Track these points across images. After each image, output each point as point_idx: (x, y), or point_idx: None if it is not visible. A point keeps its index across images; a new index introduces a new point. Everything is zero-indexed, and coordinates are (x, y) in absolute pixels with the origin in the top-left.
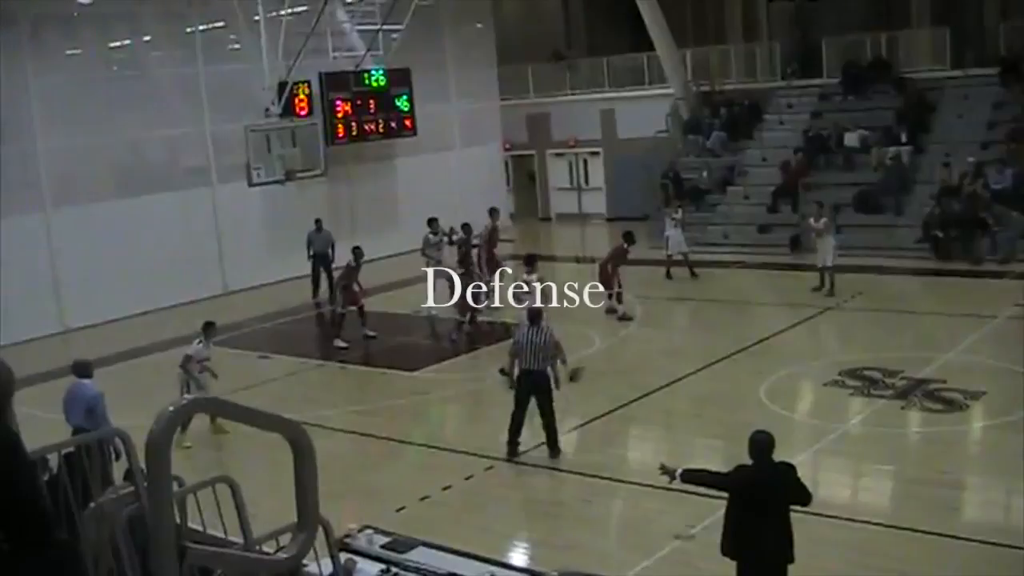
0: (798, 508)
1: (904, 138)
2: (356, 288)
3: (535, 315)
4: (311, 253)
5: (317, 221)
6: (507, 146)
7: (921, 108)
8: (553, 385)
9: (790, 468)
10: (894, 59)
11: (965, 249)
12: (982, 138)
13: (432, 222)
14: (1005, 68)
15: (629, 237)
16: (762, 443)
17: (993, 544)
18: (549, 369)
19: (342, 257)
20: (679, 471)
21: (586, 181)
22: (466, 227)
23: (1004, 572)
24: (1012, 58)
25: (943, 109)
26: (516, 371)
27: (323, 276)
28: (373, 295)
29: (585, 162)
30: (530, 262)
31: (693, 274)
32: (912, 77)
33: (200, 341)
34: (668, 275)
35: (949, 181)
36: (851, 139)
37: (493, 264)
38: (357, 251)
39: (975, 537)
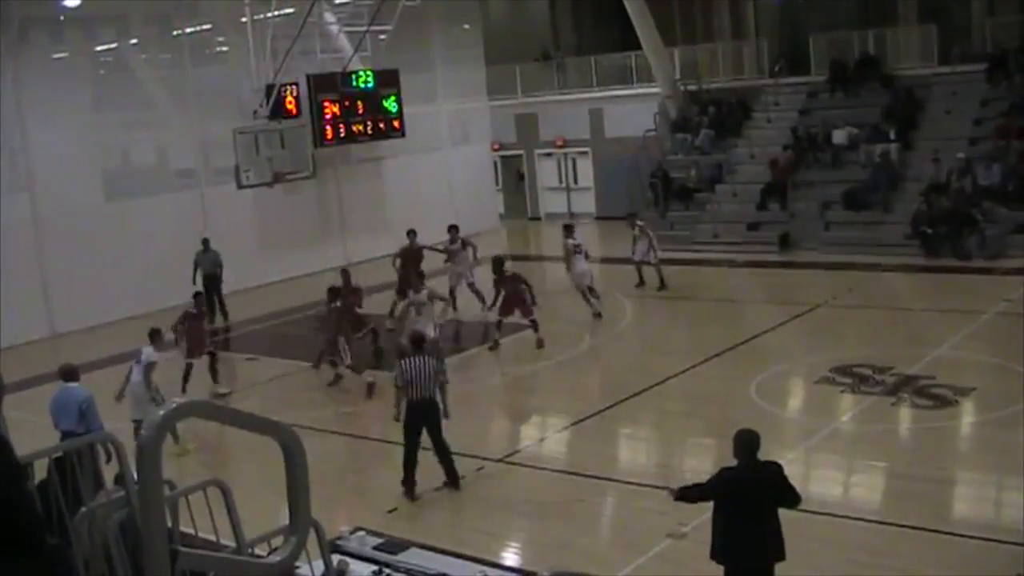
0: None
1: (892, 135)
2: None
3: (417, 340)
4: (196, 276)
5: (204, 240)
6: (496, 146)
7: (909, 105)
8: (443, 415)
9: (776, 467)
10: (882, 56)
11: (954, 245)
12: (970, 134)
13: (452, 229)
14: (992, 64)
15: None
16: (746, 441)
17: (985, 540)
18: (438, 397)
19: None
20: (675, 495)
21: (575, 181)
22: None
23: (997, 568)
24: (999, 54)
25: (931, 106)
26: (403, 405)
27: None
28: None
29: (574, 162)
30: (417, 280)
31: (663, 285)
32: (900, 74)
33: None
34: (640, 282)
35: (937, 178)
36: (839, 136)
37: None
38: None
39: (968, 533)
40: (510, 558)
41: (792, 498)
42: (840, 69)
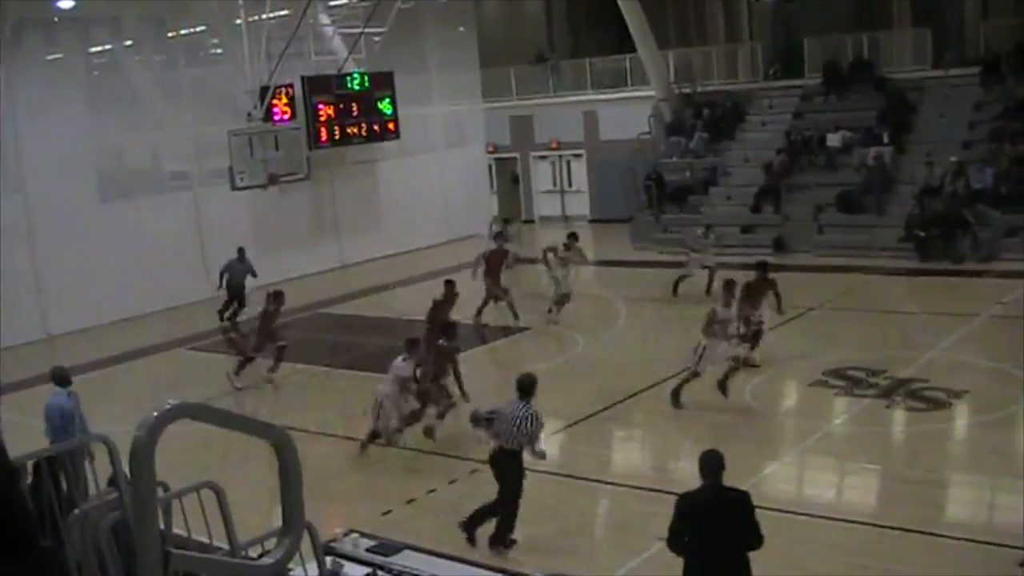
0: (783, 509)
1: (886, 138)
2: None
3: (524, 383)
4: (222, 280)
5: (240, 250)
6: (490, 148)
7: (903, 108)
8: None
9: (743, 497)
10: (875, 59)
11: (947, 248)
12: (963, 138)
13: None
14: (985, 68)
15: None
16: (707, 463)
17: (979, 542)
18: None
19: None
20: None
21: (569, 183)
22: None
23: (992, 570)
24: (992, 58)
25: (924, 109)
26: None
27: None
28: (360, 298)
29: (568, 164)
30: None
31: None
32: (893, 77)
33: (404, 358)
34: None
35: (931, 181)
36: (833, 139)
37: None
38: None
39: (961, 536)
40: (504, 561)
41: (753, 536)
42: (834, 72)
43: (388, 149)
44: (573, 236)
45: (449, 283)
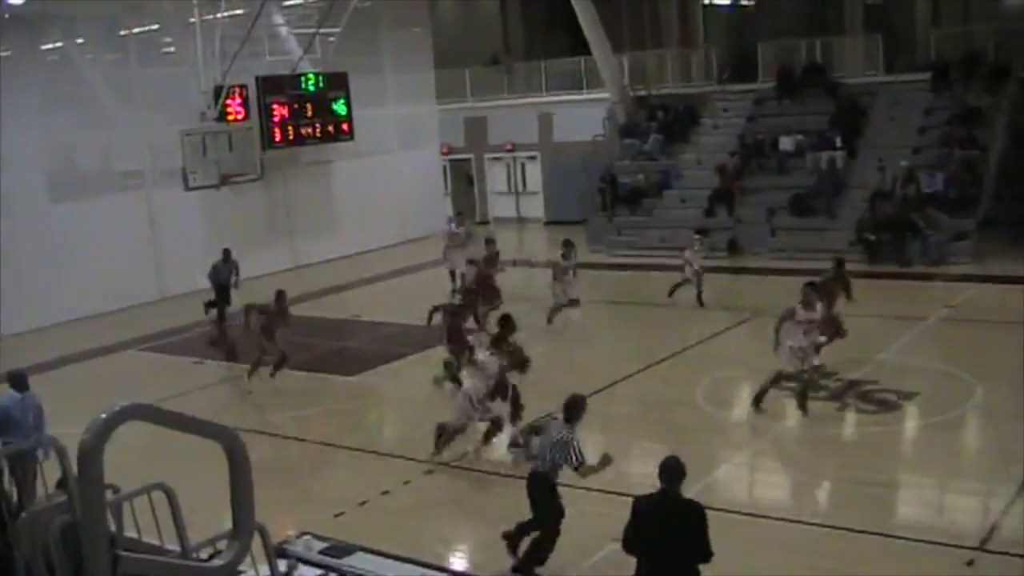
0: (735, 510)
1: (838, 142)
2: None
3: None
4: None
5: (226, 251)
6: (445, 150)
7: (854, 113)
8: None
9: (696, 509)
10: (828, 65)
11: (896, 252)
12: (914, 143)
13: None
14: (935, 74)
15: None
16: (665, 469)
17: (929, 543)
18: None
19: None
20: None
21: (523, 185)
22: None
23: (941, 570)
24: (942, 65)
25: (876, 114)
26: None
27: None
28: (312, 299)
29: (523, 166)
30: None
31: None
32: (845, 82)
33: (491, 352)
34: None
35: (882, 185)
36: (786, 143)
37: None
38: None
39: (912, 536)
40: (457, 562)
41: (702, 550)
42: (787, 77)
43: (342, 150)
44: (570, 243)
45: (490, 242)
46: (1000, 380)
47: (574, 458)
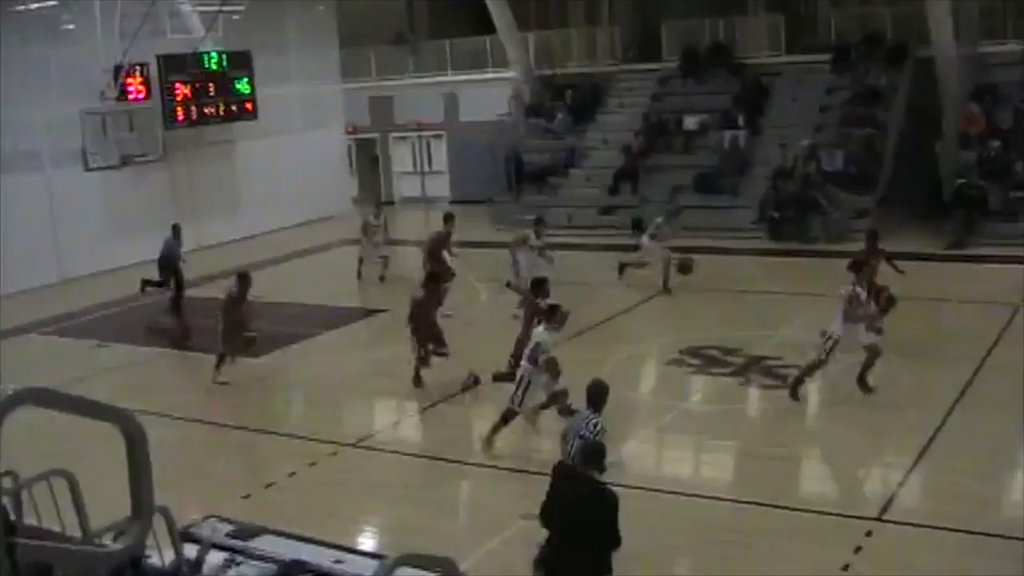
0: (642, 486)
1: (741, 121)
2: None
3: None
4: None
5: (175, 227)
6: (350, 129)
7: (757, 92)
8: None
9: (608, 496)
10: (731, 45)
11: (799, 229)
12: (815, 122)
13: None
14: (836, 55)
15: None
16: (582, 452)
17: (830, 514)
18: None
19: None
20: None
21: (429, 164)
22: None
23: (842, 541)
24: (843, 45)
25: (778, 93)
26: None
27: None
28: (218, 280)
29: (428, 145)
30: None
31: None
32: (748, 62)
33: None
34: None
35: (784, 163)
36: (690, 122)
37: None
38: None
39: (814, 508)
40: (365, 542)
41: (608, 537)
42: (691, 56)
43: (246, 129)
44: (541, 221)
45: (448, 219)
46: (899, 353)
47: (590, 436)
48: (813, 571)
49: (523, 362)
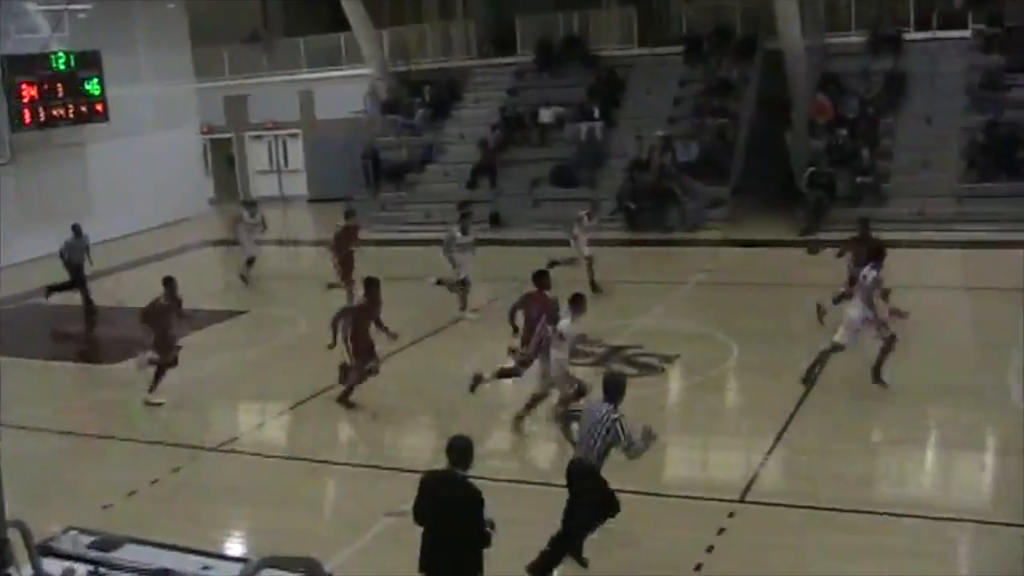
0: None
1: (596, 114)
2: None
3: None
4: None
5: (75, 227)
6: (204, 129)
7: (612, 85)
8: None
9: (469, 491)
10: (585, 38)
11: (656, 219)
12: (669, 113)
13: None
14: (688, 47)
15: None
16: (450, 448)
17: (694, 498)
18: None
19: None
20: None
21: (286, 163)
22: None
23: (706, 523)
24: (695, 37)
25: (632, 86)
26: None
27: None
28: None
29: (284, 144)
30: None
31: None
32: (603, 55)
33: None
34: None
35: (640, 155)
36: (546, 115)
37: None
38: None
39: (678, 493)
40: (231, 547)
41: (474, 533)
42: (546, 50)
43: (97, 131)
44: (468, 215)
45: (349, 214)
46: (755, 340)
47: (622, 438)
48: (678, 554)
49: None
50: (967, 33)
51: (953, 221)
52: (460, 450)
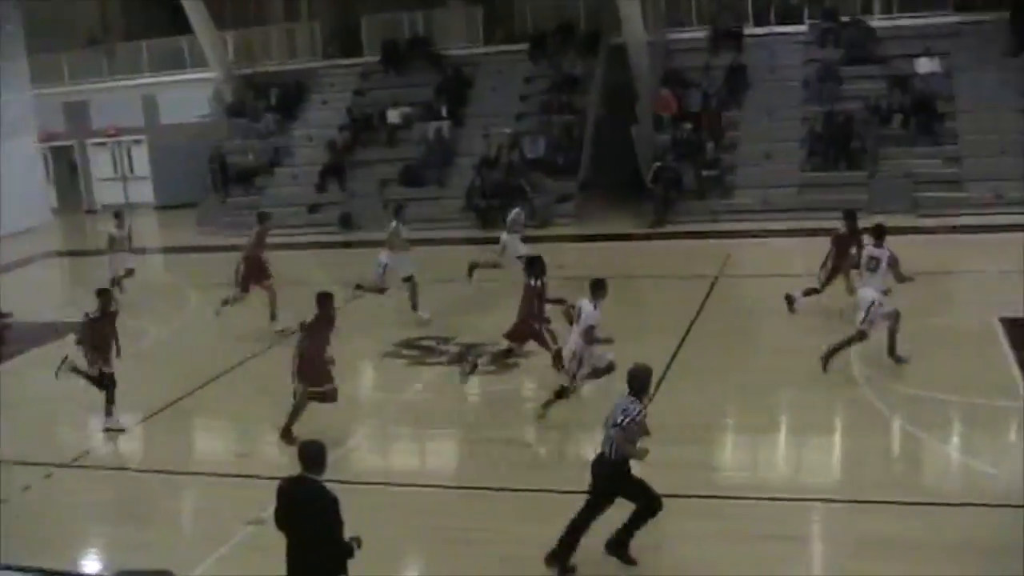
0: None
1: (444, 113)
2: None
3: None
4: None
5: None
6: (44, 137)
7: (459, 83)
8: None
9: (323, 495)
10: (431, 37)
11: (505, 216)
12: (516, 110)
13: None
14: (533, 44)
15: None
16: (301, 454)
17: (557, 492)
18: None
19: None
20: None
21: (131, 170)
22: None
23: (566, 518)
24: (539, 35)
25: (479, 84)
26: None
27: None
28: None
29: (129, 150)
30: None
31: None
32: (449, 54)
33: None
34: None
35: (488, 153)
36: (393, 115)
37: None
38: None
39: (538, 488)
40: (87, 565)
41: (329, 540)
42: (392, 50)
43: None
44: (402, 208)
45: (263, 218)
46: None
47: (621, 420)
48: (543, 551)
49: (575, 339)
50: (804, 28)
51: (794, 210)
52: (313, 455)
